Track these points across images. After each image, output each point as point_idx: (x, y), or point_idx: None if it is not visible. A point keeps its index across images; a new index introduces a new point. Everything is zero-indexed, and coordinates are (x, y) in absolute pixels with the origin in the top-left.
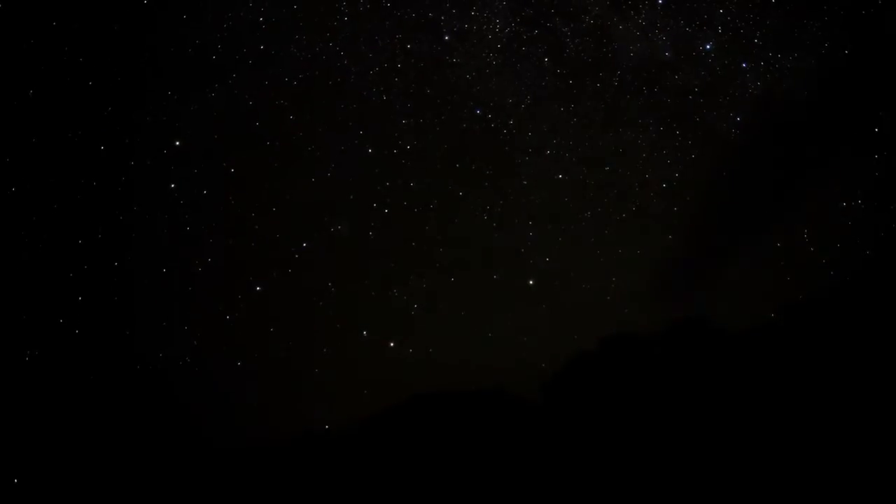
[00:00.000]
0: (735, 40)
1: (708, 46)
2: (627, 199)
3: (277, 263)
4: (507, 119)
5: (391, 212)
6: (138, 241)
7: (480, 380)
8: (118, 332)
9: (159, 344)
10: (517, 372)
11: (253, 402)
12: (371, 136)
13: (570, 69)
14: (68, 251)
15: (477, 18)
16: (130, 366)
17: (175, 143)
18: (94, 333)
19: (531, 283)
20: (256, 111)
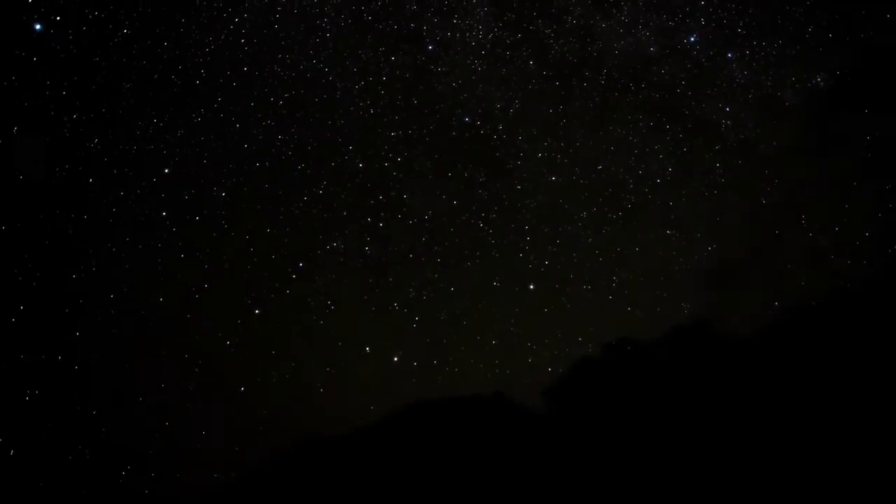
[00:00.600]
0: (718, 31)
1: (692, 39)
2: (622, 196)
3: (275, 285)
4: (495, 125)
5: (385, 226)
6: (132, 271)
7: (486, 389)
8: (119, 366)
9: (159, 373)
10: (521, 378)
11: (255, 424)
12: (360, 151)
13: (555, 70)
14: (59, 287)
15: (459, 26)
16: (133, 397)
17: (164, 171)
18: (95, 365)
19: (532, 288)
20: (244, 133)
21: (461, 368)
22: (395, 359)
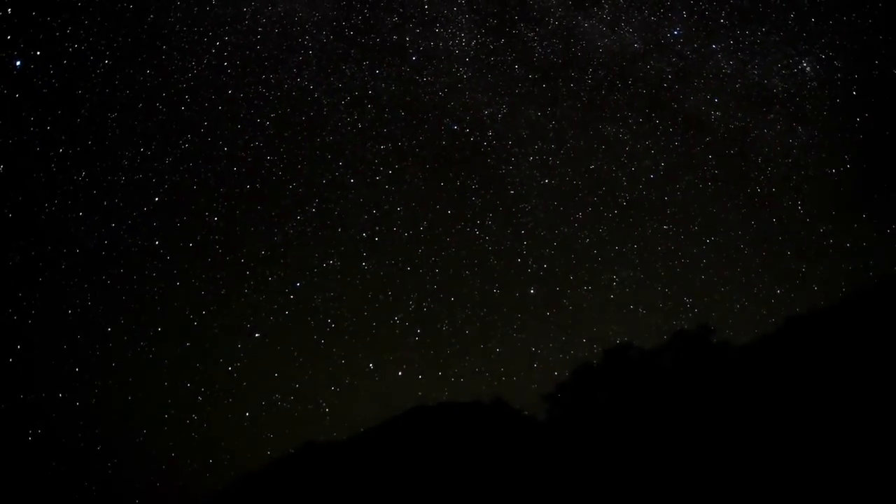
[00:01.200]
0: (702, 23)
1: (676, 32)
2: (617, 194)
3: (273, 307)
4: (485, 131)
5: (381, 239)
6: (128, 303)
7: (491, 396)
8: (120, 400)
9: (162, 405)
10: (528, 384)
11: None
12: (351, 166)
13: (541, 73)
14: (56, 324)
15: (441, 35)
16: (136, 431)
17: (154, 200)
18: (97, 401)
19: (532, 292)
20: (233, 156)
21: (467, 379)
22: (400, 373)
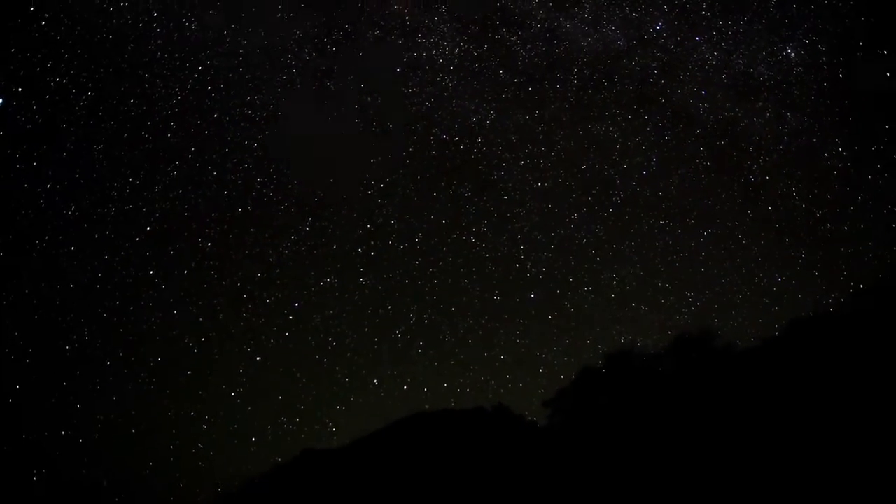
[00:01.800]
0: (684, 16)
1: (658, 27)
2: (611, 192)
3: (272, 329)
4: (474, 138)
5: (377, 254)
6: (126, 336)
7: (495, 402)
8: (123, 434)
9: (165, 436)
10: (535, 389)
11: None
12: (343, 182)
13: (526, 76)
14: (54, 360)
15: (424, 45)
16: (142, 462)
17: (146, 229)
18: (100, 436)
19: (532, 297)
20: (222, 179)
21: (472, 389)
22: (405, 387)
